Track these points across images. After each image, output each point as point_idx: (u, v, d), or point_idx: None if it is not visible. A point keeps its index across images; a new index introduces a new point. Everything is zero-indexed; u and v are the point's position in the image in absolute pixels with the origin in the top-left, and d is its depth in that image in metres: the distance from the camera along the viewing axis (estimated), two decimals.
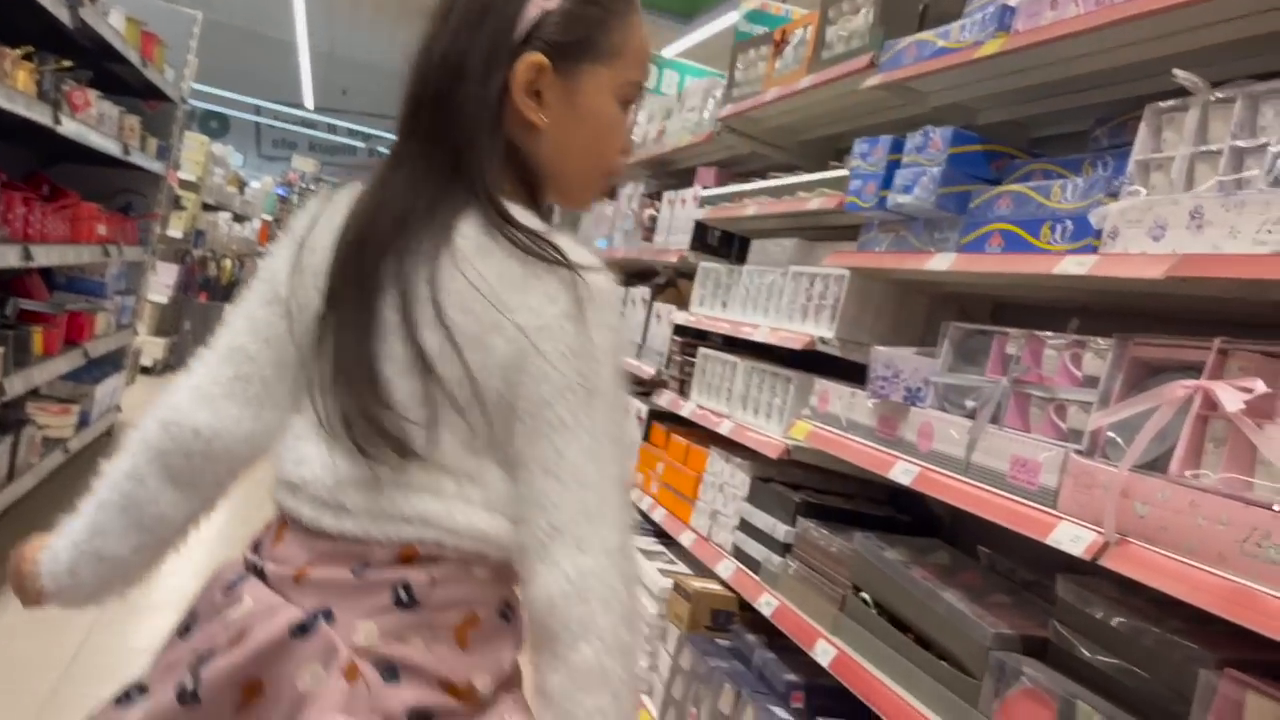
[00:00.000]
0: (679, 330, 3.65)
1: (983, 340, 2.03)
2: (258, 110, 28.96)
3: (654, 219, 4.30)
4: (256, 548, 1.11)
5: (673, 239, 3.93)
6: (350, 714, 0.95)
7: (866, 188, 2.39)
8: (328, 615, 1.00)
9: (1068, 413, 1.73)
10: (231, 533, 1.31)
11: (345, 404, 1.06)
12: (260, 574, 1.07)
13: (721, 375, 3.14)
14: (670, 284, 4.14)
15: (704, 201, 3.64)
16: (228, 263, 8.05)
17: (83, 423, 4.56)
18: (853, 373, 2.67)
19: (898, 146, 2.33)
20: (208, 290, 7.61)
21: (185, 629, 1.08)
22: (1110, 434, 1.61)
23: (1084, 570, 1.59)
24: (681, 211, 3.89)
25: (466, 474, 1.05)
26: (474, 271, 1.04)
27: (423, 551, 1.03)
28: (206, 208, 8.67)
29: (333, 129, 29.66)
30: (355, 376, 1.05)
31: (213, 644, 1.01)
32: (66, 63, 3.15)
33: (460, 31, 1.08)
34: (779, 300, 2.92)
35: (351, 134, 29.56)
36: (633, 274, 4.93)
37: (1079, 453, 1.64)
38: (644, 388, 4.01)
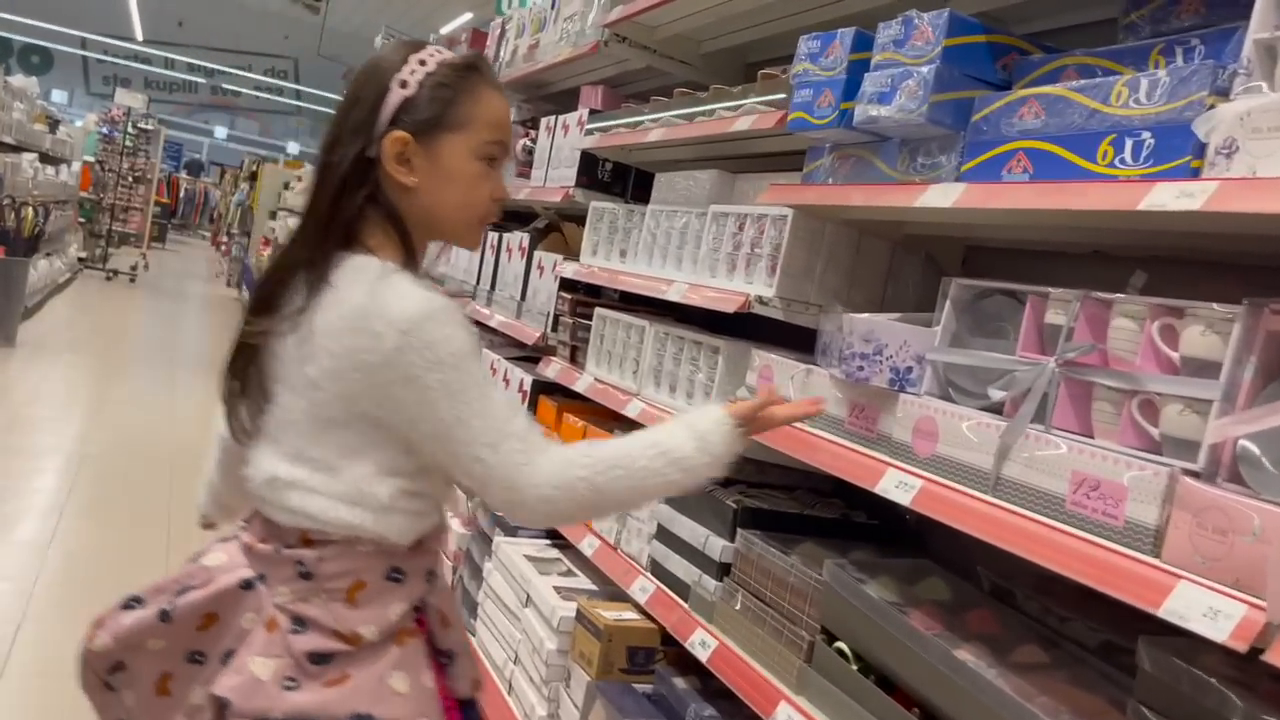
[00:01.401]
0: (567, 285, 3.02)
1: (1003, 304, 1.48)
2: (84, 44, 26.63)
3: (530, 151, 3.63)
4: (248, 520, 1.42)
5: (555, 174, 3.28)
6: (265, 655, 1.29)
7: (821, 99, 1.80)
8: (263, 579, 1.34)
9: (1161, 413, 1.20)
10: None
11: (249, 418, 1.41)
12: (239, 539, 1.40)
13: (625, 342, 2.55)
14: (553, 228, 3.50)
15: (591, 128, 3.00)
16: (30, 211, 6.95)
17: None
18: (792, 338, 2.13)
19: (864, 42, 1.75)
20: (4, 243, 6.52)
21: (189, 563, 1.41)
22: (1248, 446, 1.08)
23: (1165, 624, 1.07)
24: (564, 140, 3.24)
25: (336, 475, 1.32)
26: (333, 315, 1.31)
27: (314, 536, 1.32)
28: (4, 147, 7.49)
29: (170, 64, 27.50)
30: (255, 396, 1.39)
31: (191, 582, 1.35)
32: None
33: (338, 119, 1.40)
34: (695, 249, 2.33)
35: (191, 69, 27.49)
36: (509, 217, 4.25)
37: (1191, 474, 1.12)
38: (525, 354, 3.38)
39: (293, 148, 27.42)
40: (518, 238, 3.51)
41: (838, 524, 2.05)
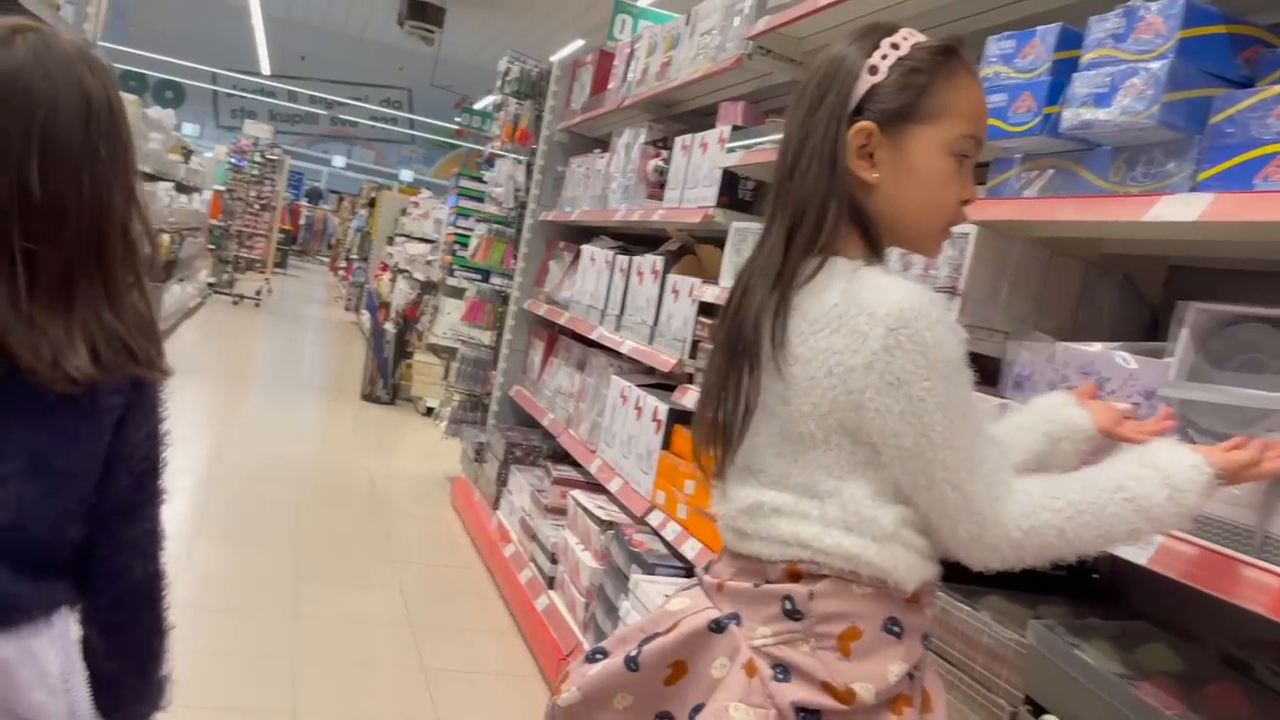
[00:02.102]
0: (705, 310, 2.89)
1: (1258, 331, 1.28)
2: (214, 78, 27.82)
3: (662, 171, 3.52)
4: (709, 565, 1.35)
5: (691, 194, 3.15)
6: (746, 702, 1.16)
7: (1017, 103, 1.62)
8: (736, 619, 1.22)
9: None
10: None
11: (724, 448, 1.29)
12: (701, 583, 1.32)
13: None
14: (687, 251, 3.37)
15: (734, 145, 2.86)
16: (165, 238, 7.19)
17: None
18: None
19: (1071, 39, 1.57)
20: None
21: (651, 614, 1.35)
22: None
23: None
24: (701, 159, 3.11)
25: (828, 498, 1.19)
26: (806, 320, 1.20)
27: (804, 569, 1.19)
28: (142, 176, 7.76)
29: (293, 96, 28.55)
30: (729, 424, 1.27)
31: (656, 628, 1.27)
32: None
33: (807, 112, 1.26)
34: None
35: (313, 101, 28.48)
36: (635, 240, 4.15)
37: None
38: (658, 381, 3.25)
39: (406, 175, 28.08)
40: (649, 261, 3.40)
41: (1023, 576, 1.85)
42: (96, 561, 1.18)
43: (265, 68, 26.78)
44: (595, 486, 3.58)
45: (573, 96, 4.89)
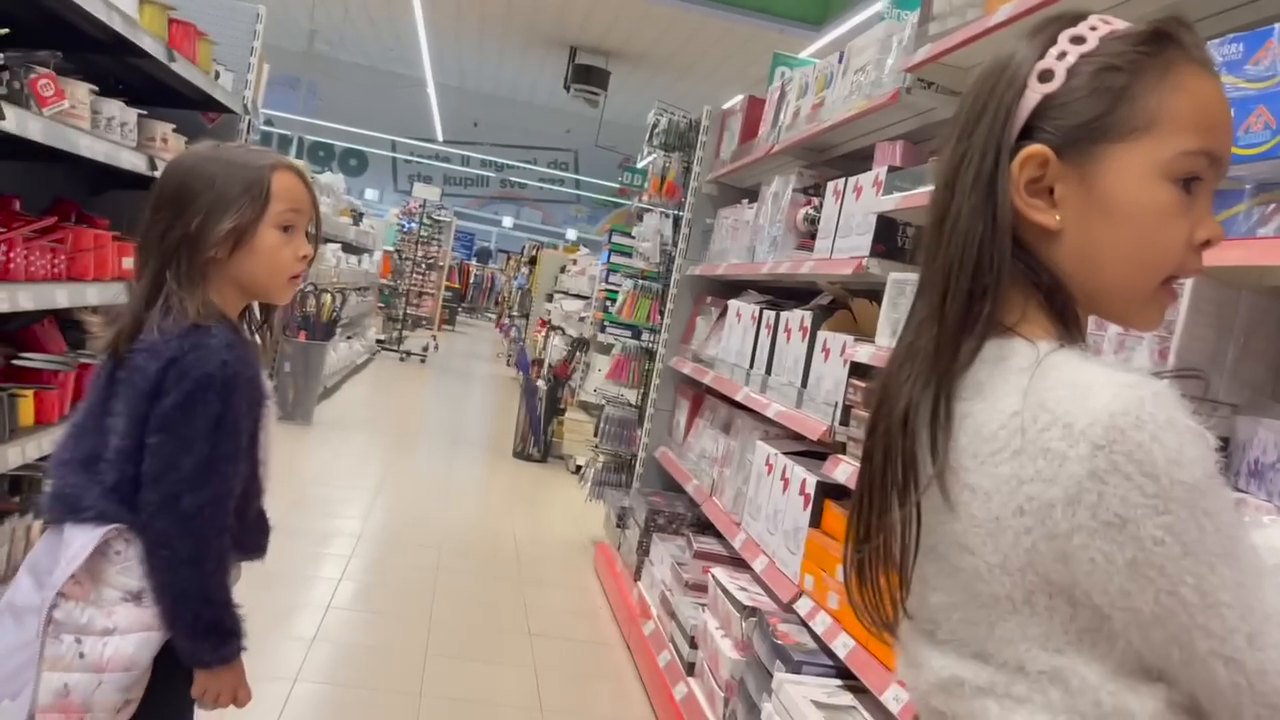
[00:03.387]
0: (859, 372, 2.57)
1: None
2: (394, 146, 29.30)
3: (812, 220, 3.24)
4: None
5: (843, 244, 2.86)
6: None
7: (1251, 119, 1.29)
8: None
9: None
10: None
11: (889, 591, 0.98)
12: None
13: None
14: (840, 305, 3.07)
15: (890, 187, 2.56)
16: (328, 298, 7.37)
17: None
18: None
19: None
20: (306, 328, 6.93)
21: None
22: None
23: None
24: (854, 206, 2.82)
25: (1050, 682, 0.85)
26: (980, 437, 0.88)
27: None
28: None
29: (465, 160, 29.73)
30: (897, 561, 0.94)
31: None
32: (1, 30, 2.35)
33: (959, 140, 0.94)
34: None
35: (484, 164, 29.58)
36: (785, 294, 3.87)
37: None
38: (807, 448, 2.95)
39: (571, 234, 28.67)
40: (798, 316, 3.11)
41: None
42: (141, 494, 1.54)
43: (439, 134, 28.03)
44: (739, 562, 3.28)
45: (722, 146, 4.69)
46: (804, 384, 2.94)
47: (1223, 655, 0.78)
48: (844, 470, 2.48)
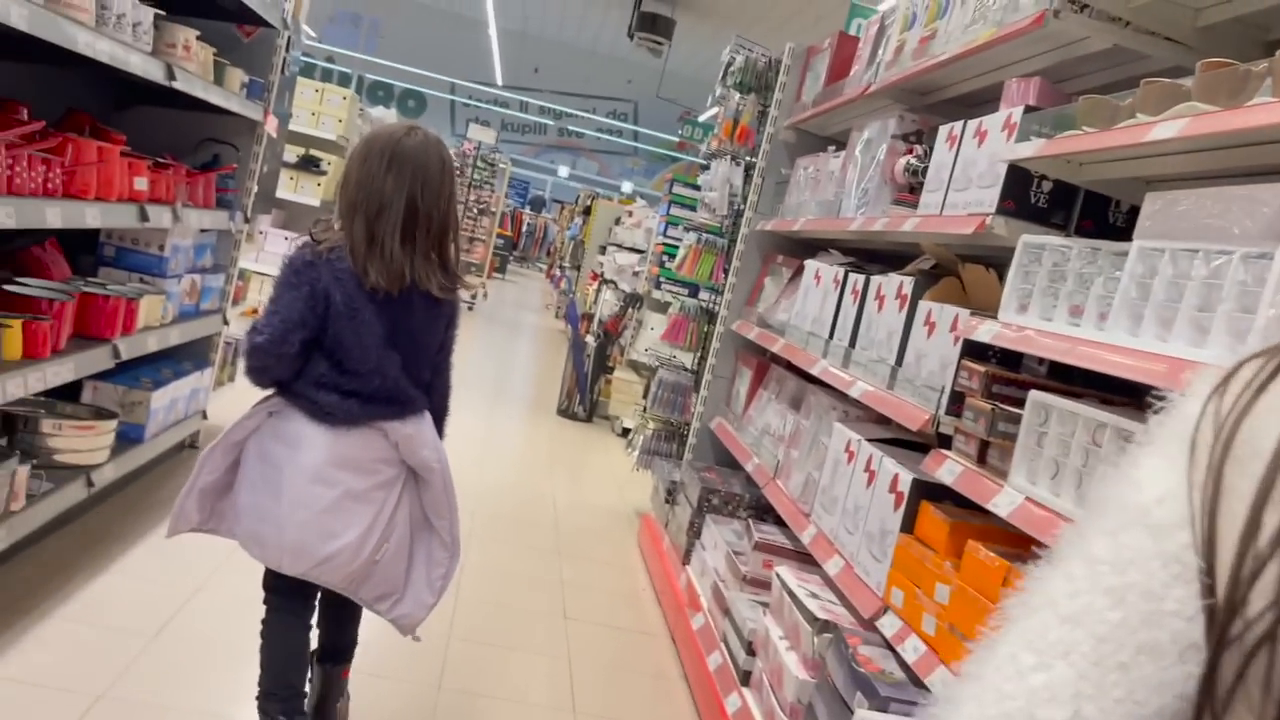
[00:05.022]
0: (975, 352, 2.14)
1: None
2: (452, 88, 28.88)
3: (915, 171, 2.79)
4: None
5: (958, 199, 2.41)
6: None
7: None
8: None
9: None
10: None
11: None
12: None
13: (1091, 452, 1.63)
14: (946, 271, 2.62)
15: (1025, 132, 2.11)
16: None
17: (132, 440, 3.48)
18: None
19: None
20: None
21: None
22: None
23: None
24: (976, 153, 2.36)
25: None
26: None
27: None
28: None
29: (524, 107, 29.25)
30: None
31: None
32: None
33: None
34: (1240, 312, 1.39)
35: (542, 111, 29.08)
36: (871, 257, 3.43)
37: None
38: (900, 438, 2.53)
39: (627, 186, 28.16)
40: (893, 282, 2.67)
41: None
42: (433, 383, 2.28)
43: (499, 78, 27.58)
44: (806, 559, 2.88)
45: (804, 89, 4.22)
46: (899, 362, 2.51)
47: None
48: (949, 469, 2.06)
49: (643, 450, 4.92)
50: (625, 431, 6.69)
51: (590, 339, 7.44)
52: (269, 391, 2.16)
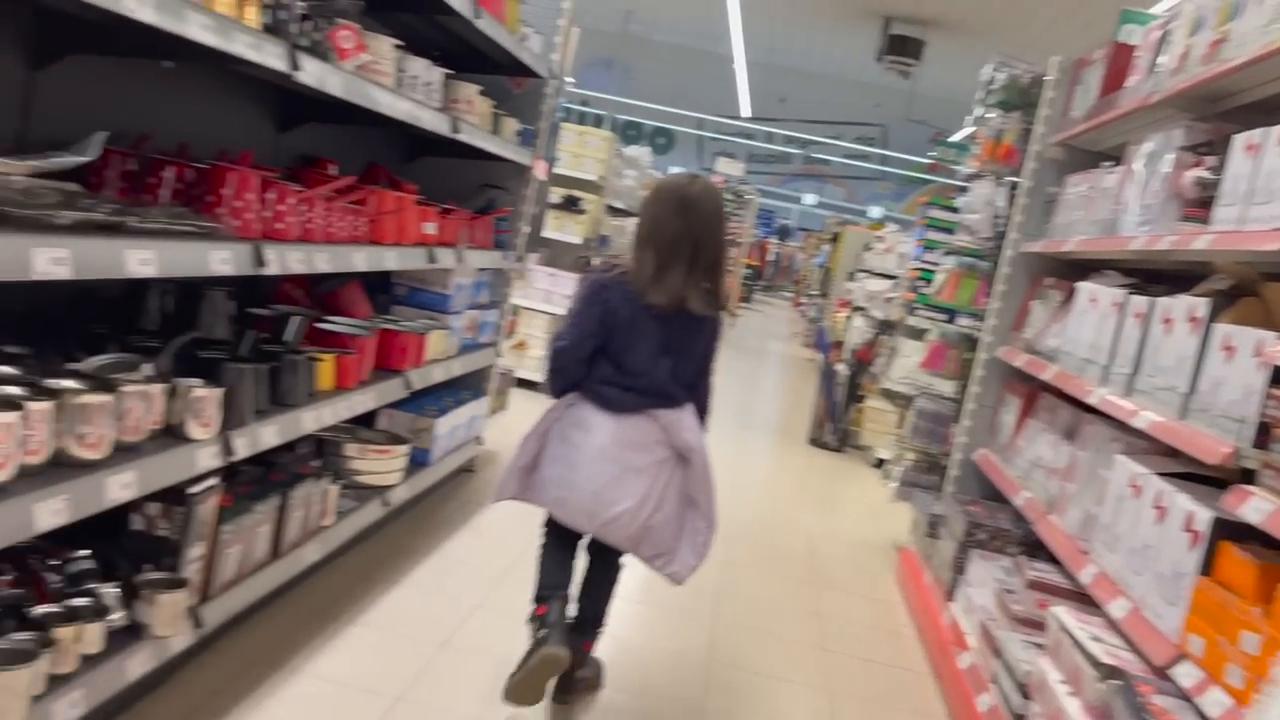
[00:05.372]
0: None
1: None
2: (699, 124, 29.53)
3: (1207, 184, 2.58)
4: None
5: (1259, 212, 2.22)
6: None
7: None
8: None
9: None
10: None
11: None
12: None
13: None
14: (1243, 291, 2.41)
15: None
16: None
17: (420, 463, 3.79)
18: None
19: None
20: None
21: None
22: None
23: None
24: (1279, 163, 2.17)
25: None
26: None
27: None
28: (613, 211, 8.00)
29: (770, 137, 29.43)
30: None
31: None
32: None
33: None
34: None
35: (788, 140, 29.14)
36: (1153, 277, 3.20)
37: None
38: (1194, 472, 2.34)
39: (875, 211, 27.65)
40: (1184, 304, 2.49)
41: None
42: (696, 384, 2.72)
43: (745, 110, 27.91)
44: (1084, 599, 2.71)
45: (1073, 103, 4.01)
46: (1192, 390, 2.33)
47: None
48: (1256, 507, 1.89)
49: (900, 482, 4.80)
50: (880, 462, 6.55)
51: (841, 367, 7.35)
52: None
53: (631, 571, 3.78)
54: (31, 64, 2.22)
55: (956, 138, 12.09)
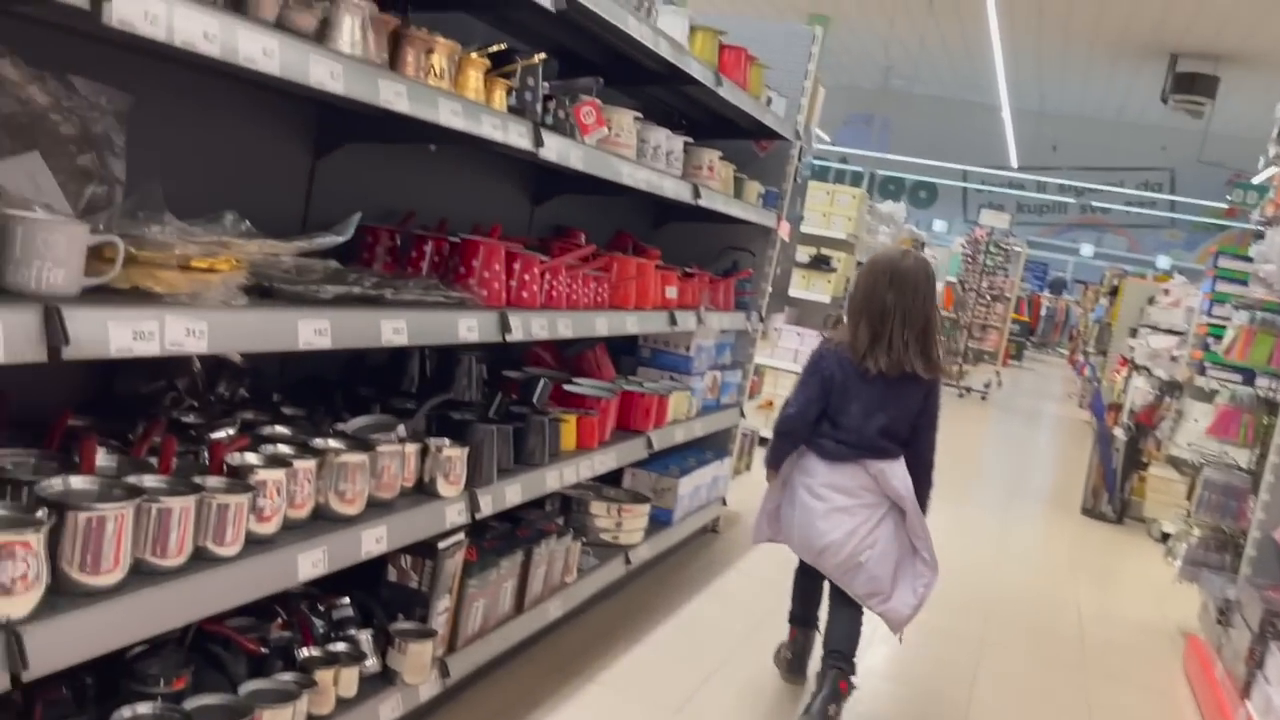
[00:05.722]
0: None
1: None
2: (964, 176, 28.62)
3: None
4: None
5: None
6: None
7: None
8: None
9: None
10: None
11: None
12: None
13: None
14: None
15: None
16: None
17: (662, 522, 3.83)
18: None
19: None
20: None
21: None
22: None
23: None
24: None
25: None
26: None
27: None
28: None
29: (1041, 186, 28.01)
30: None
31: None
32: (539, 56, 2.35)
33: None
34: None
35: (1061, 190, 27.62)
36: None
37: None
38: None
39: (1163, 262, 25.60)
40: None
41: None
42: (914, 441, 2.97)
43: (1013, 160, 26.78)
44: None
45: None
46: None
47: None
48: None
49: (1187, 560, 4.33)
50: (1164, 536, 5.94)
51: (1119, 431, 6.77)
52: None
53: (885, 649, 3.61)
54: (314, 153, 2.48)
55: (1258, 179, 10.99)
